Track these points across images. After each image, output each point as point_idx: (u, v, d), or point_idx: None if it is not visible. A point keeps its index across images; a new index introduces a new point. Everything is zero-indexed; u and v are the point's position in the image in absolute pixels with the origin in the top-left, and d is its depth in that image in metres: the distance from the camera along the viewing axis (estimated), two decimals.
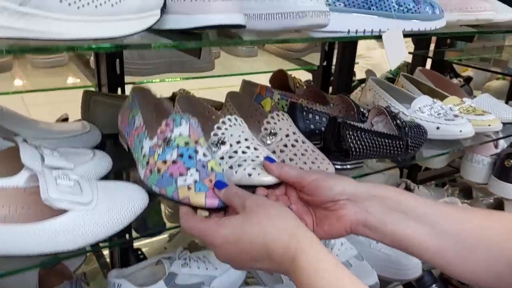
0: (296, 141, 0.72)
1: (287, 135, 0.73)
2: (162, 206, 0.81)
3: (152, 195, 0.59)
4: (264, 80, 1.08)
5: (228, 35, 0.58)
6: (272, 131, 0.73)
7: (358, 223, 0.54)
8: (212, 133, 0.67)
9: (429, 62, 1.58)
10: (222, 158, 0.64)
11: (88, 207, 0.50)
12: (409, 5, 0.70)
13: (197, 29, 0.52)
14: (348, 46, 1.24)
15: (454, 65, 1.75)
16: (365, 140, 0.75)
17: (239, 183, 0.61)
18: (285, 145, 0.71)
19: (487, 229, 0.51)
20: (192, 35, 0.55)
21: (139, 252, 0.99)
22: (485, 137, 1.04)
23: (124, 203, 0.54)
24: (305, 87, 1.05)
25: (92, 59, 0.98)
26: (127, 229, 0.57)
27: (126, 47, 0.49)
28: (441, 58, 1.48)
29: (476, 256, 0.50)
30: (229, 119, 0.69)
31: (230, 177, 0.61)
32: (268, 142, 0.72)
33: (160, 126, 0.60)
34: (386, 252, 1.01)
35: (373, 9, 0.68)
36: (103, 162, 0.65)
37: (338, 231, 0.55)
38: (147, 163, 0.59)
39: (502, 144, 1.17)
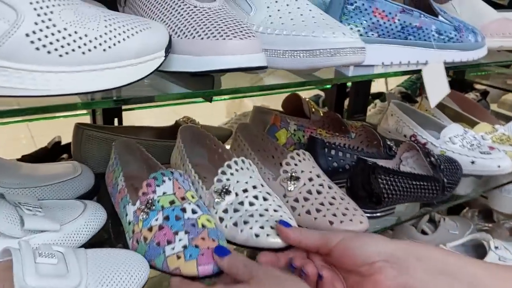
0: (322, 186, 0.62)
1: (310, 179, 0.63)
2: None
3: None
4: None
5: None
6: (294, 174, 0.63)
7: None
8: (215, 179, 0.58)
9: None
10: (225, 211, 0.56)
11: None
12: (450, 34, 0.61)
13: (210, 72, 0.43)
14: None
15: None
16: (398, 184, 0.66)
17: (245, 244, 0.53)
18: (309, 192, 0.61)
19: None
20: (202, 76, 0.46)
21: None
22: None
23: (120, 279, 0.45)
24: (321, 112, 0.95)
25: None
26: None
27: (122, 102, 0.40)
28: (462, 77, 1.38)
29: None
30: (236, 162, 0.60)
31: (234, 237, 0.53)
32: (290, 188, 0.62)
33: (141, 188, 0.53)
34: None
35: (411, 39, 0.59)
36: (95, 217, 0.55)
37: None
38: (133, 231, 0.52)
39: None
